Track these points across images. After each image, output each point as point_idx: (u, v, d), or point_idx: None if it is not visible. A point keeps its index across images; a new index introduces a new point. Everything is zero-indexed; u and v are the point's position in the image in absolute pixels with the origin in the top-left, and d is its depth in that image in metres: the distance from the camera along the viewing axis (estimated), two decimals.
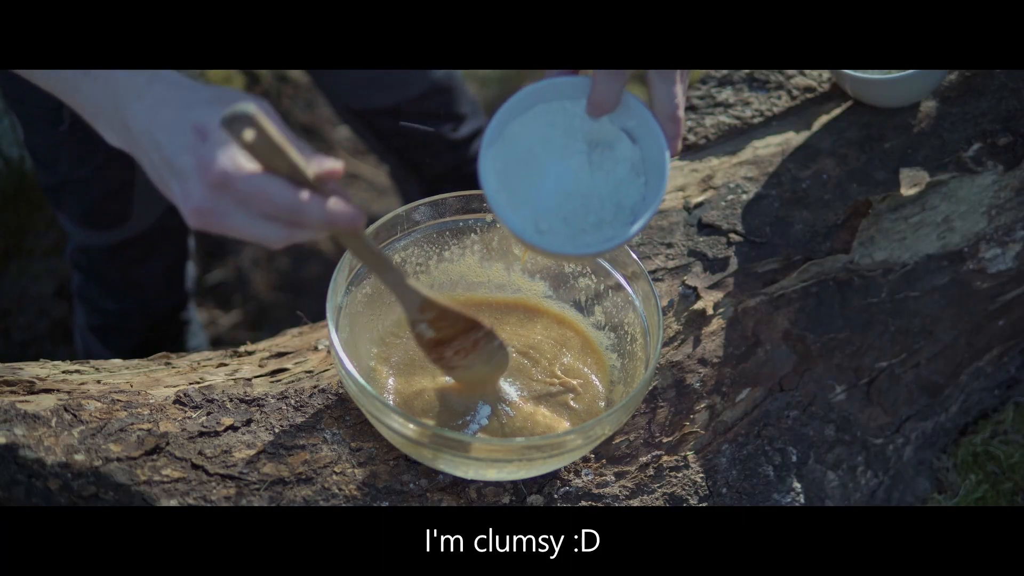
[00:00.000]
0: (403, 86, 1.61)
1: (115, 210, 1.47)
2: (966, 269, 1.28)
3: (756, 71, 1.43)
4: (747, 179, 1.30)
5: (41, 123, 1.36)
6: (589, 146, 0.95)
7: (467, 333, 1.02)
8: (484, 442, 0.99)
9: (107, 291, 1.59)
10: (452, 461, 0.98)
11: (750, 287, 1.21)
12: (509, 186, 0.94)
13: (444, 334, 1.01)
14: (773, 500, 1.12)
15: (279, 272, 2.07)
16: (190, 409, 1.03)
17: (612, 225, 0.94)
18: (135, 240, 1.52)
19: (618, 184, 0.95)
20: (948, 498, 1.28)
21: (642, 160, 0.95)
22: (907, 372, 1.25)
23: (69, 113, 1.33)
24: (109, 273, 1.56)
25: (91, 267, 1.56)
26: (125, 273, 1.56)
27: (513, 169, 0.94)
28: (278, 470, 1.00)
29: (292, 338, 1.21)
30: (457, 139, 1.70)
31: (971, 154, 1.29)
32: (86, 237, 1.51)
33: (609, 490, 1.06)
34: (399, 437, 0.97)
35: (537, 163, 0.95)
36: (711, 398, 1.15)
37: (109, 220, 1.48)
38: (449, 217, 1.12)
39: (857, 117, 1.34)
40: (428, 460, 1.00)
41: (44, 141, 1.39)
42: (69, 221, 1.49)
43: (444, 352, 1.02)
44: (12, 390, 1.02)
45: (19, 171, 1.95)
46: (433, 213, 1.11)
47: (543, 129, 0.94)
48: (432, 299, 0.98)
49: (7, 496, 0.92)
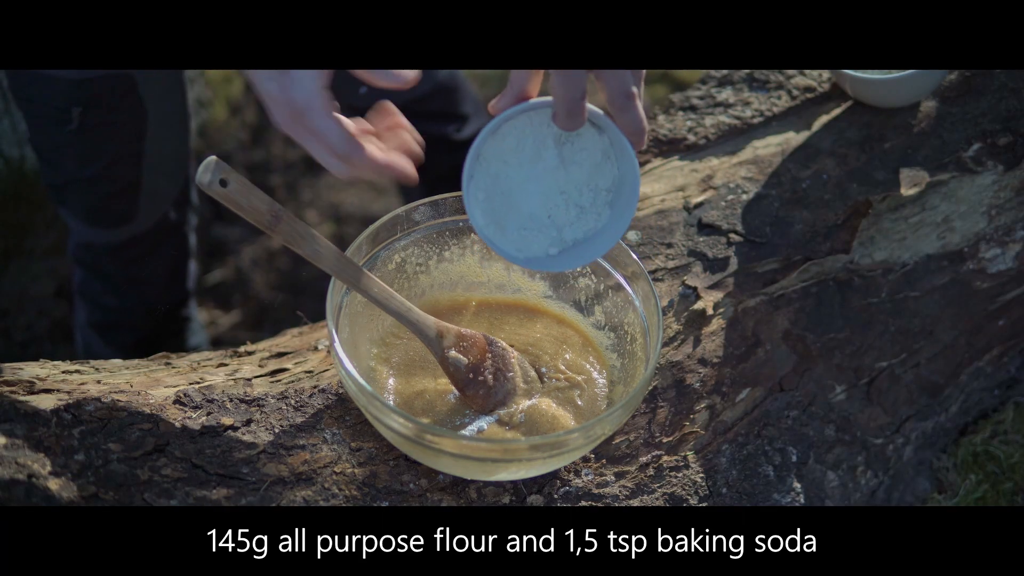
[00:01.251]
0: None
1: (121, 209, 1.47)
2: (966, 269, 1.28)
3: (756, 71, 1.43)
4: (747, 179, 1.30)
5: (48, 122, 1.36)
6: (558, 144, 0.98)
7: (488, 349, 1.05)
8: (483, 443, 0.99)
9: (109, 287, 1.58)
10: (452, 462, 0.98)
11: (750, 287, 1.21)
12: (496, 217, 0.99)
13: (473, 357, 1.03)
14: (773, 500, 1.12)
15: (279, 272, 2.07)
16: (190, 409, 1.03)
17: (593, 209, 1.00)
18: (140, 237, 1.52)
19: (592, 171, 0.99)
20: (948, 498, 1.28)
21: (611, 144, 0.99)
22: (907, 372, 1.25)
23: (78, 113, 1.33)
24: (112, 269, 1.55)
25: (94, 263, 1.55)
26: (128, 270, 1.56)
27: (496, 198, 0.99)
28: (278, 470, 1.00)
29: (292, 338, 1.21)
30: (460, 140, 1.70)
31: (971, 154, 1.29)
32: (90, 234, 1.51)
33: (609, 490, 1.06)
34: (399, 437, 0.97)
35: (517, 179, 0.99)
36: (711, 398, 1.15)
37: (114, 219, 1.48)
38: (449, 217, 1.12)
39: (857, 117, 1.34)
40: (429, 460, 1.00)
41: (51, 140, 1.39)
42: (73, 218, 1.49)
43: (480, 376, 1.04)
44: (12, 390, 1.02)
45: (19, 171, 1.95)
46: (433, 213, 1.11)
47: (514, 143, 0.98)
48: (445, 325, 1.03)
49: (7, 496, 0.92)
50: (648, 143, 1.39)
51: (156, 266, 1.58)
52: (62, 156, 1.40)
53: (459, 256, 1.14)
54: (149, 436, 0.99)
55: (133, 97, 1.35)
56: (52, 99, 1.32)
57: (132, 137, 1.39)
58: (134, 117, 1.37)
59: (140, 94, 1.35)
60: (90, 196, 1.44)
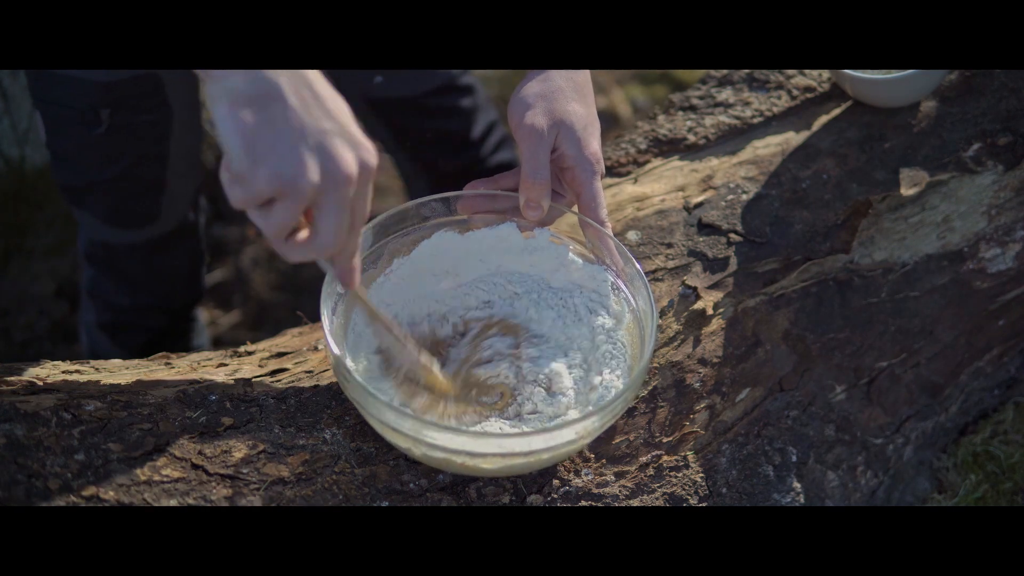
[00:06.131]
0: (422, 77, 1.59)
1: (144, 210, 1.46)
2: (966, 269, 1.28)
3: (756, 71, 1.43)
4: (747, 179, 1.30)
5: (72, 124, 1.34)
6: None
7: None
8: (478, 437, 0.98)
9: (124, 287, 1.56)
10: (444, 458, 0.97)
11: (750, 287, 1.21)
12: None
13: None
14: (773, 500, 1.12)
15: (279, 272, 2.07)
16: (190, 409, 1.03)
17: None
18: (162, 237, 1.51)
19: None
20: (948, 498, 1.28)
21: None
22: (907, 372, 1.25)
23: (108, 114, 1.32)
24: (129, 268, 1.54)
25: (109, 262, 1.54)
26: (148, 268, 1.54)
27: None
28: (278, 470, 1.00)
29: (292, 338, 1.21)
30: (472, 138, 1.69)
31: (971, 154, 1.29)
32: (108, 233, 1.49)
33: (609, 490, 1.06)
34: (388, 429, 0.97)
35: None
36: (711, 398, 1.15)
37: (137, 220, 1.47)
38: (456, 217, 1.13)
39: (857, 117, 1.34)
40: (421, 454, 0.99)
41: (74, 142, 1.37)
42: (92, 218, 1.47)
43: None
44: (12, 390, 1.02)
45: (19, 171, 1.95)
46: (444, 209, 1.12)
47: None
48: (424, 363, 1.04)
49: (7, 496, 0.92)
50: (648, 143, 1.39)
51: (178, 265, 1.58)
52: (85, 158, 1.38)
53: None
54: (149, 436, 0.99)
55: (160, 98, 1.34)
56: (79, 101, 1.31)
57: (158, 137, 1.38)
58: (161, 118, 1.37)
59: (166, 94, 1.34)
60: (113, 197, 1.43)
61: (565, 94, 1.07)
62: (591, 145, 1.07)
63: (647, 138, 1.39)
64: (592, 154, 1.06)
